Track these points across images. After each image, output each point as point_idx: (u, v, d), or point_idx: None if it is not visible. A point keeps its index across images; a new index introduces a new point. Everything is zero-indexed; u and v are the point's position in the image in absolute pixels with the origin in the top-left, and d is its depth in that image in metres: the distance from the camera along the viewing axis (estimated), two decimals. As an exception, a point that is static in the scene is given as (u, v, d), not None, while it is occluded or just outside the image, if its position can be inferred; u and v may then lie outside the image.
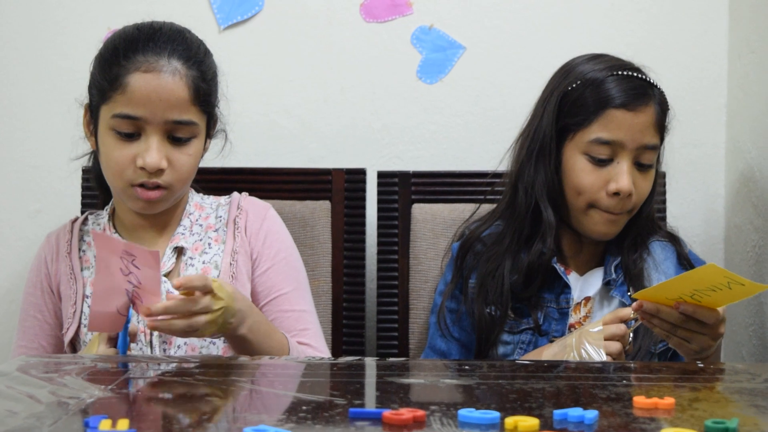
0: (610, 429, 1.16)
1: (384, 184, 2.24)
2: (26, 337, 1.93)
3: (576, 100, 1.89)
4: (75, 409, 1.21)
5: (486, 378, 1.46)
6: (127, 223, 1.90)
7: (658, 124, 1.88)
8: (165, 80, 1.77)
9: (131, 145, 1.78)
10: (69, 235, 1.92)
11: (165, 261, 1.85)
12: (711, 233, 2.39)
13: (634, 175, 1.87)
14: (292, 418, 1.18)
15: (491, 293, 1.91)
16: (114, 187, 1.84)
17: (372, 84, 2.39)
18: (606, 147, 1.86)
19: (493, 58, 2.38)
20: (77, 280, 1.87)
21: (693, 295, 1.58)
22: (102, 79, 1.79)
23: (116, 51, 1.79)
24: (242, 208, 1.93)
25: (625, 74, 1.88)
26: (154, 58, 1.77)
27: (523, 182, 1.93)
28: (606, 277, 1.93)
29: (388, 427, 1.14)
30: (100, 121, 1.80)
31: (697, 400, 1.32)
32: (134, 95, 1.76)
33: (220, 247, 1.89)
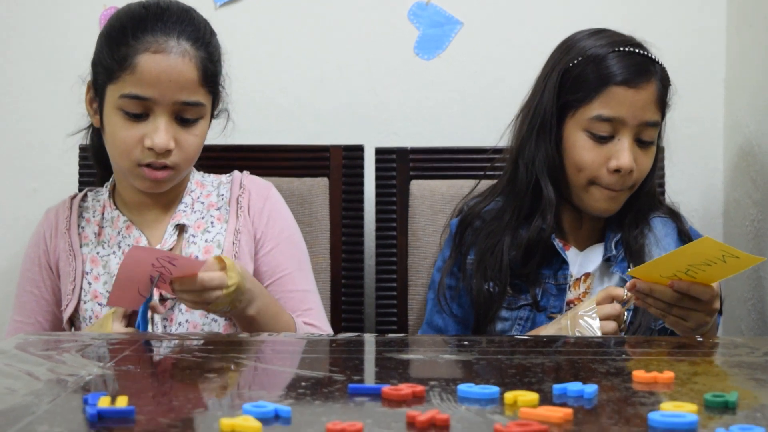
0: (609, 403, 1.15)
1: (382, 160, 2.23)
2: (23, 312, 1.93)
3: (577, 76, 1.88)
4: (74, 386, 1.21)
5: (485, 353, 1.46)
6: (129, 201, 1.90)
7: (659, 100, 1.88)
8: (174, 61, 1.76)
9: (139, 125, 1.77)
10: (68, 212, 1.92)
11: (167, 238, 1.85)
12: (710, 208, 2.39)
13: (635, 152, 1.86)
14: (291, 394, 1.18)
15: (490, 269, 1.91)
16: (120, 166, 1.83)
17: (369, 60, 2.38)
18: (607, 124, 1.85)
19: (490, 34, 2.37)
20: (76, 257, 1.87)
21: (688, 271, 1.58)
22: (109, 58, 1.78)
23: (124, 30, 1.78)
24: (245, 187, 1.93)
25: (627, 50, 1.87)
26: (163, 39, 1.76)
27: (524, 158, 1.92)
28: (606, 253, 1.93)
29: (387, 403, 1.14)
30: (107, 100, 1.80)
31: (696, 374, 1.32)
32: (144, 76, 1.75)
33: (222, 226, 1.88)
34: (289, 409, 1.07)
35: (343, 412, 1.11)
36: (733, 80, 2.34)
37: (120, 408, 1.08)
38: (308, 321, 1.89)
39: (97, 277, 1.85)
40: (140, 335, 1.59)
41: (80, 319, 1.85)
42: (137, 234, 1.86)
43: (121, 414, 1.07)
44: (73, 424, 1.07)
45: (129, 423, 1.06)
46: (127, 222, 1.87)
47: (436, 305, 1.98)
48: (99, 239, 1.88)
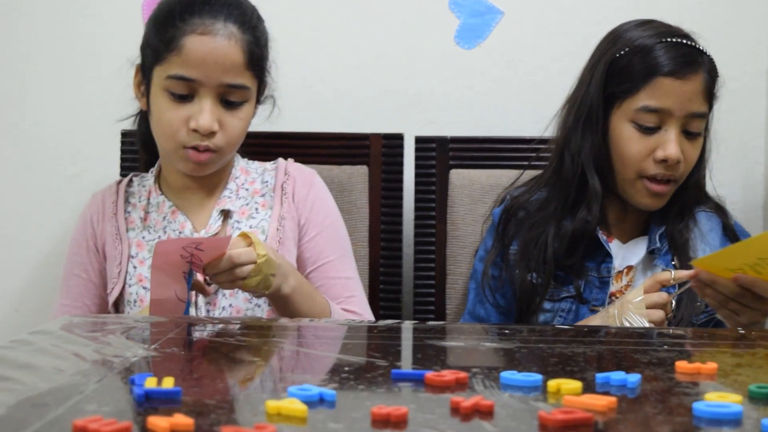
0: (653, 393, 1.15)
1: (421, 149, 2.23)
2: (70, 295, 1.94)
3: (624, 67, 1.87)
4: (120, 367, 1.22)
5: (526, 342, 1.46)
6: (174, 186, 1.91)
7: (706, 91, 1.86)
8: (221, 43, 1.78)
9: (184, 106, 1.79)
10: (115, 197, 1.94)
11: (211, 223, 1.87)
12: (751, 200, 2.37)
13: (682, 143, 1.85)
14: (335, 379, 1.19)
15: (533, 260, 1.90)
16: (164, 148, 1.85)
17: (409, 49, 2.38)
18: (653, 115, 1.84)
19: (531, 24, 2.37)
20: (122, 241, 1.89)
21: (755, 265, 1.56)
22: (157, 40, 1.80)
23: (172, 13, 1.80)
24: (289, 174, 1.94)
25: (674, 41, 1.86)
26: (210, 21, 1.78)
27: (570, 150, 1.91)
28: (650, 245, 1.92)
29: (430, 389, 1.14)
30: (153, 82, 1.81)
31: (739, 366, 1.31)
32: (190, 57, 1.77)
33: (267, 212, 1.90)
34: (333, 392, 1.08)
35: (387, 397, 1.11)
36: (775, 72, 2.32)
37: (167, 389, 1.09)
38: (350, 308, 1.89)
39: (143, 261, 1.87)
40: (183, 318, 1.60)
41: (125, 303, 1.87)
42: (182, 219, 1.88)
43: (167, 394, 1.08)
44: (120, 403, 1.08)
45: (176, 403, 1.07)
46: (172, 207, 1.89)
47: (479, 295, 1.98)
48: (145, 224, 1.90)
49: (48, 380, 1.14)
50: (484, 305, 1.97)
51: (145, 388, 1.08)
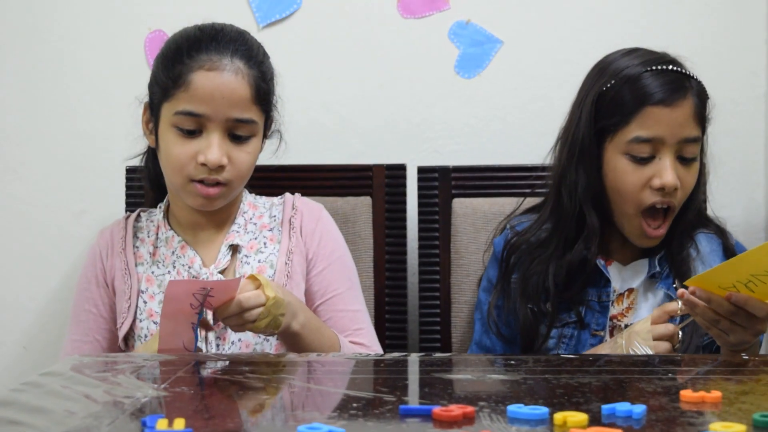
0: (658, 423, 1.16)
1: (424, 179, 2.25)
2: (80, 330, 1.95)
3: (612, 99, 1.88)
4: (131, 408, 1.24)
5: (532, 373, 1.47)
6: (183, 221, 1.93)
7: (697, 115, 1.87)
8: (228, 78, 1.81)
9: (192, 141, 1.81)
10: (123, 232, 1.95)
11: (220, 258, 1.88)
12: (751, 222, 2.38)
13: (678, 169, 1.86)
14: (343, 416, 1.20)
15: (534, 293, 1.91)
16: (173, 183, 1.86)
17: (410, 79, 2.40)
18: (646, 145, 1.85)
19: (530, 52, 2.39)
20: (132, 276, 1.90)
21: (748, 283, 1.57)
22: (165, 77, 1.82)
23: (179, 50, 1.83)
24: (297, 209, 1.96)
25: (660, 68, 1.86)
26: (217, 57, 1.81)
27: (566, 186, 1.92)
28: (651, 269, 1.93)
29: (438, 424, 1.16)
30: (162, 119, 1.84)
31: (744, 393, 1.32)
32: (197, 92, 1.79)
33: (275, 246, 1.91)
34: (343, 430, 1.09)
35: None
36: (774, 95, 2.34)
37: (178, 430, 1.10)
38: (359, 341, 1.91)
39: (153, 296, 1.88)
40: (192, 356, 1.62)
41: (135, 338, 1.88)
42: (192, 254, 1.89)
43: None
44: (132, 446, 1.09)
45: (187, 445, 1.08)
46: (181, 242, 1.91)
47: (484, 325, 1.99)
48: (154, 258, 1.91)
49: (60, 423, 1.16)
50: (489, 336, 1.98)
51: (157, 430, 1.09)
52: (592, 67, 1.97)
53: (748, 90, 2.37)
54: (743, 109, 2.37)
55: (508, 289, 1.95)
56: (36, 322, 2.41)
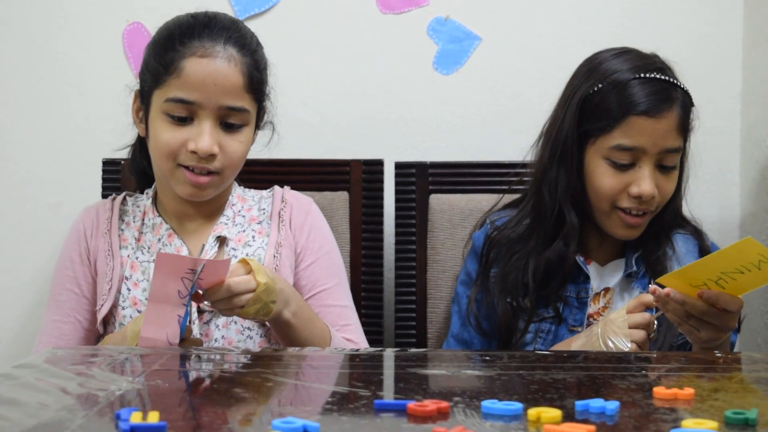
0: (631, 419, 1.17)
1: (401, 174, 2.25)
2: (61, 311, 1.91)
3: (597, 104, 1.88)
4: (105, 401, 1.23)
5: (507, 369, 1.47)
6: (171, 210, 1.91)
7: (681, 126, 1.88)
8: (220, 66, 1.79)
9: (183, 129, 1.80)
10: (109, 213, 1.93)
11: (207, 249, 1.86)
12: (726, 221, 2.40)
13: (657, 178, 1.87)
14: (318, 410, 1.20)
15: (513, 287, 1.92)
16: (162, 170, 1.84)
17: (388, 75, 2.40)
18: (628, 153, 1.86)
19: (509, 49, 2.39)
20: (114, 258, 1.88)
21: (719, 280, 1.58)
22: (157, 63, 1.80)
23: (171, 37, 1.81)
24: (286, 201, 1.95)
25: (648, 77, 1.86)
26: (210, 44, 1.79)
27: (547, 184, 1.93)
28: (627, 269, 1.94)
29: (413, 419, 1.16)
30: (152, 106, 1.82)
31: (716, 390, 1.33)
32: (189, 79, 1.78)
33: (263, 239, 1.91)
34: (317, 425, 1.09)
35: (370, 428, 1.13)
36: (749, 94, 2.35)
37: (152, 423, 1.10)
38: (346, 336, 1.90)
39: (137, 284, 1.86)
40: (168, 349, 1.61)
41: (116, 324, 1.86)
42: (179, 243, 1.88)
43: (153, 429, 1.09)
44: (106, 439, 1.09)
45: (161, 439, 1.08)
46: (169, 230, 1.89)
47: (461, 318, 2.00)
48: (138, 244, 1.89)
49: (33, 416, 1.15)
50: (467, 329, 1.99)
51: (131, 424, 1.09)
52: (581, 64, 1.97)
53: (724, 89, 2.39)
54: (719, 108, 2.38)
55: (488, 284, 1.96)
56: (11, 315, 2.40)
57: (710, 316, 1.63)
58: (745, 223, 2.37)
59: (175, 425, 1.13)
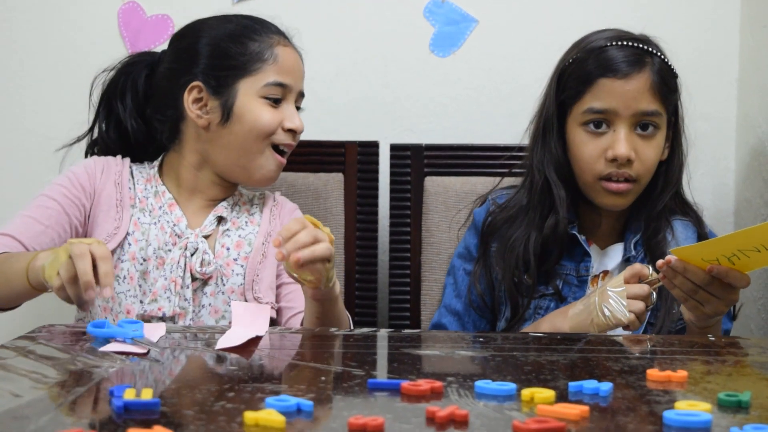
0: (624, 401, 1.18)
1: (397, 156, 2.25)
2: (39, 213, 1.87)
3: (571, 73, 1.92)
4: (98, 378, 1.24)
5: (500, 350, 1.48)
6: (186, 184, 1.96)
7: (656, 89, 1.88)
8: (297, 55, 2.00)
9: (277, 110, 1.93)
10: (120, 167, 1.97)
11: (206, 224, 1.93)
12: (721, 207, 2.40)
13: (635, 142, 1.88)
14: (312, 389, 1.20)
15: (513, 263, 1.92)
16: (250, 151, 1.92)
17: (385, 57, 2.39)
18: (601, 116, 1.88)
19: (505, 32, 2.39)
20: (125, 210, 1.92)
21: (732, 256, 1.58)
22: (242, 54, 1.92)
23: (248, 31, 1.95)
24: (277, 202, 2.04)
25: (621, 44, 1.89)
26: (280, 36, 1.98)
27: (535, 162, 1.95)
28: (626, 253, 1.94)
29: (406, 398, 1.16)
30: (241, 93, 1.91)
31: (709, 373, 1.34)
32: (285, 65, 1.95)
33: (254, 228, 1.97)
34: (311, 403, 1.10)
35: (363, 407, 1.13)
36: (746, 80, 2.35)
37: (145, 400, 1.10)
38: None
39: (137, 241, 1.90)
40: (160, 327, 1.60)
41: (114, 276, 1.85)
42: (179, 213, 1.93)
43: (146, 406, 1.10)
44: (100, 415, 1.10)
45: (155, 415, 1.08)
46: (171, 200, 1.95)
47: (456, 290, 2.01)
48: (141, 205, 1.94)
49: (29, 393, 1.15)
50: (461, 299, 1.99)
51: (124, 400, 1.09)
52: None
53: (721, 75, 2.38)
54: (715, 94, 2.38)
55: (488, 260, 1.97)
56: None
57: (714, 287, 1.63)
58: (740, 210, 2.37)
59: (168, 402, 1.13)
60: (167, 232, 1.91)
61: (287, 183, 2.20)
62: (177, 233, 1.91)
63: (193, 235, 1.90)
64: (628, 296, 1.70)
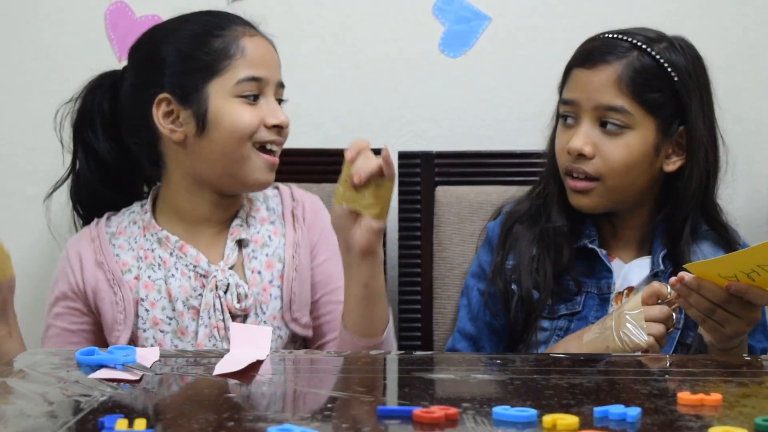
0: (654, 427, 1.17)
1: (405, 165, 2.25)
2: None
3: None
4: (87, 407, 1.24)
5: (519, 373, 1.48)
6: (188, 217, 1.93)
7: (621, 83, 1.87)
8: (266, 43, 1.95)
9: (256, 107, 1.89)
10: (97, 242, 1.93)
11: (228, 254, 1.91)
12: (754, 215, 2.39)
13: (598, 138, 1.89)
14: (317, 417, 1.20)
15: (529, 276, 1.92)
16: (234, 158, 1.88)
17: (392, 58, 2.39)
18: (569, 107, 1.92)
19: (521, 30, 2.39)
20: (121, 286, 1.89)
21: (751, 273, 1.57)
22: (206, 54, 1.88)
23: (207, 28, 1.91)
24: (297, 200, 2.01)
25: (603, 36, 1.93)
26: (247, 26, 1.93)
27: (546, 167, 2.01)
28: (654, 267, 1.93)
29: (419, 426, 1.16)
30: (213, 97, 1.87)
31: (745, 396, 1.33)
32: (255, 56, 1.90)
33: (280, 240, 1.95)
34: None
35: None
36: (781, 79, 2.35)
37: (139, 431, 1.10)
38: None
39: (154, 303, 1.88)
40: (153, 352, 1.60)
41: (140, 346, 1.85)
42: (194, 252, 1.90)
43: (140, 438, 1.10)
44: (90, 448, 1.09)
45: (149, 447, 1.08)
46: (179, 242, 1.91)
47: (470, 312, 2.00)
48: (147, 262, 1.91)
49: (13, 424, 1.15)
50: (475, 322, 1.99)
51: (116, 431, 1.09)
52: None
53: (754, 73, 2.37)
54: (748, 94, 2.37)
55: (503, 275, 1.96)
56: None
57: (732, 305, 1.62)
58: (775, 218, 2.37)
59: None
60: (190, 276, 1.88)
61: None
62: (201, 274, 1.88)
63: (219, 271, 1.88)
64: (647, 318, 1.69)
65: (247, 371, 1.45)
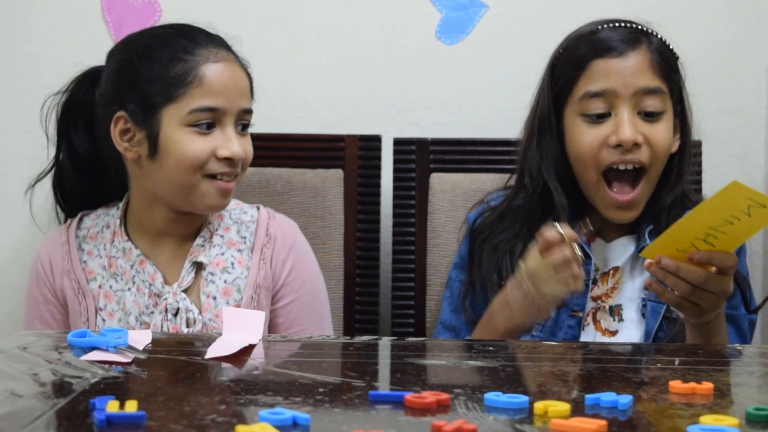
0: (645, 415, 1.17)
1: (400, 152, 2.25)
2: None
3: (563, 62, 1.92)
4: (79, 389, 1.23)
5: (512, 360, 1.48)
6: (149, 230, 1.91)
7: (656, 66, 1.86)
8: (234, 69, 1.87)
9: (208, 137, 1.82)
10: (66, 247, 1.93)
11: (183, 275, 1.88)
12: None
13: (640, 125, 1.85)
14: (309, 401, 1.20)
15: (506, 269, 1.91)
16: (183, 186, 1.83)
17: (388, 45, 2.39)
18: (599, 99, 1.85)
19: (518, 18, 2.38)
20: (86, 295, 1.89)
21: (707, 237, 1.56)
22: (164, 78, 1.82)
23: (171, 48, 1.84)
24: (270, 236, 1.95)
25: (612, 25, 1.89)
26: (215, 49, 1.85)
27: (527, 165, 1.93)
28: (640, 244, 1.91)
29: (410, 411, 1.16)
30: (165, 123, 1.82)
31: (736, 385, 1.34)
32: (213, 86, 1.83)
33: (243, 272, 1.91)
34: (308, 416, 1.10)
35: (364, 421, 1.13)
36: (776, 70, 2.35)
37: (130, 413, 1.10)
38: None
39: (112, 314, 1.88)
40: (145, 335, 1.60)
41: None
42: (152, 270, 1.88)
43: (131, 419, 1.10)
44: (80, 429, 1.09)
45: (140, 429, 1.08)
46: (140, 256, 1.89)
47: (452, 304, 2.00)
48: (110, 271, 1.90)
49: (3, 404, 1.15)
50: (458, 315, 1.98)
51: (107, 413, 1.09)
52: None
53: (749, 66, 2.37)
54: (743, 86, 2.36)
55: (480, 268, 1.95)
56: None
57: (709, 283, 1.61)
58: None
59: (154, 415, 1.13)
60: (144, 293, 1.87)
61: (283, 180, 2.20)
62: (155, 293, 1.86)
63: (170, 294, 1.85)
64: (556, 269, 1.67)
65: (239, 355, 1.45)
